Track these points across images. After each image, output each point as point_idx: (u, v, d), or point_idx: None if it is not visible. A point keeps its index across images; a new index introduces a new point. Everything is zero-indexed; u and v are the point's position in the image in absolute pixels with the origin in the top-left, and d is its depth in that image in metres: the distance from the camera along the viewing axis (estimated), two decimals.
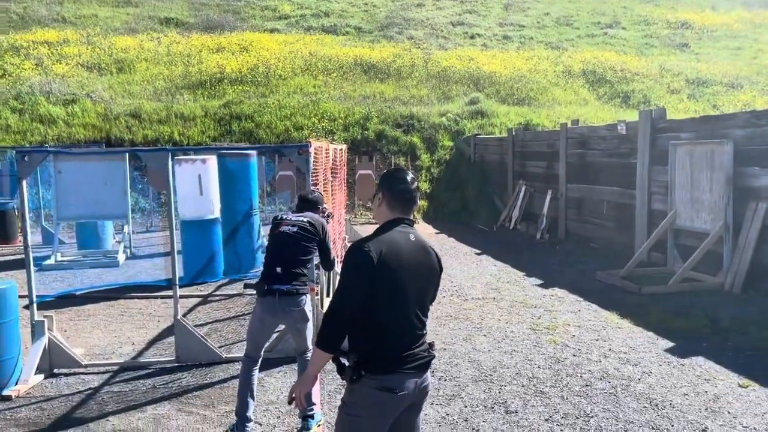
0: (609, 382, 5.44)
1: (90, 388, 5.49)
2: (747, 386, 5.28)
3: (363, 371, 2.73)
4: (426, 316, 2.89)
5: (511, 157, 15.95)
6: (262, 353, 4.74)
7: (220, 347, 6.29)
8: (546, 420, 4.75)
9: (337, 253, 7.64)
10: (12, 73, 21.18)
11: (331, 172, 8.90)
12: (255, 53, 24.14)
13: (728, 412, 4.81)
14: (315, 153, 6.50)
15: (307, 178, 6.17)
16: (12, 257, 11.88)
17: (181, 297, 6.90)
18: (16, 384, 5.46)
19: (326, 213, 5.19)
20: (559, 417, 4.80)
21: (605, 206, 11.84)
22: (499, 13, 33.84)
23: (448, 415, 4.86)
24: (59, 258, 11.27)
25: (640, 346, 6.38)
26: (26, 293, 5.79)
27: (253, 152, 10.42)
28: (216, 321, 7.66)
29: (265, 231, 8.96)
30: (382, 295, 2.72)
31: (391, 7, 33.33)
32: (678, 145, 9.50)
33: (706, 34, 31.88)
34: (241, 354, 5.03)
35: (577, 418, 4.78)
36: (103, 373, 5.86)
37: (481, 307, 8.06)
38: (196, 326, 6.58)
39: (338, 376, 2.88)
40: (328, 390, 5.36)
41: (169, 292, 6.28)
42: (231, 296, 8.82)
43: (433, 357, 2.91)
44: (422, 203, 17.15)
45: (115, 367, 5.98)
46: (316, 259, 5.05)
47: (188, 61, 23.31)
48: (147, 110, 18.74)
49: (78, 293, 8.91)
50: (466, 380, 5.56)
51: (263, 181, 15.16)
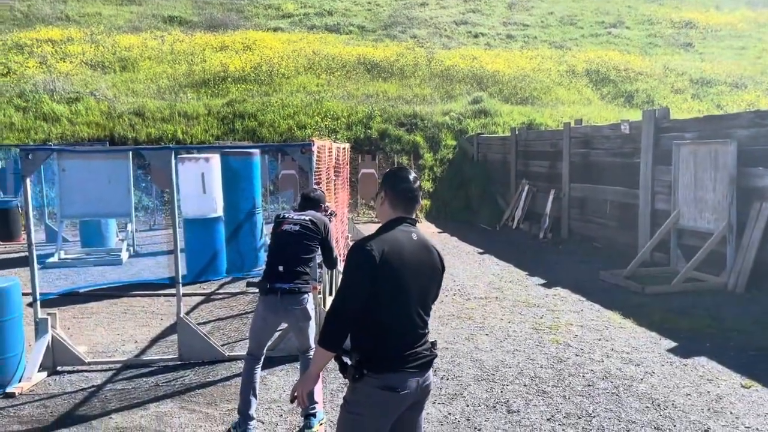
0: (611, 382, 5.44)
1: (93, 386, 5.51)
2: (750, 387, 5.27)
3: (365, 370, 2.73)
4: (428, 315, 2.89)
5: (514, 156, 15.93)
6: (265, 351, 4.75)
7: (222, 345, 6.31)
8: (548, 420, 4.75)
9: (340, 251, 7.65)
10: (16, 71, 21.24)
11: (334, 171, 8.90)
12: (258, 52, 24.16)
13: (731, 413, 4.81)
14: (318, 152, 6.50)
15: (310, 177, 6.18)
16: (16, 255, 11.92)
17: (184, 295, 6.92)
18: (20, 381, 5.48)
19: (329, 211, 5.19)
20: (561, 417, 4.80)
21: (608, 206, 11.82)
22: (502, 12, 33.79)
23: (450, 414, 4.86)
24: (63, 256, 11.30)
25: (643, 346, 6.37)
26: (30, 291, 5.81)
27: (256, 151, 10.43)
28: (219, 319, 7.67)
29: (267, 230, 8.98)
30: (385, 294, 2.72)
31: (395, 6, 33.31)
32: (681, 145, 9.48)
33: (711, 34, 31.80)
34: (243, 352, 5.04)
35: (579, 417, 4.78)
36: (106, 370, 5.87)
37: (484, 306, 8.06)
38: (198, 324, 6.59)
39: (340, 374, 2.88)
40: (331, 389, 5.37)
41: (172, 291, 6.29)
42: (234, 295, 8.84)
43: (436, 356, 2.91)
44: (425, 202, 17.15)
45: (118, 365, 5.99)
46: (319, 258, 5.05)
47: (192, 60, 23.34)
48: (150, 109, 18.78)
49: (81, 291, 8.93)
50: (468, 379, 5.56)
51: (266, 179, 15.19)
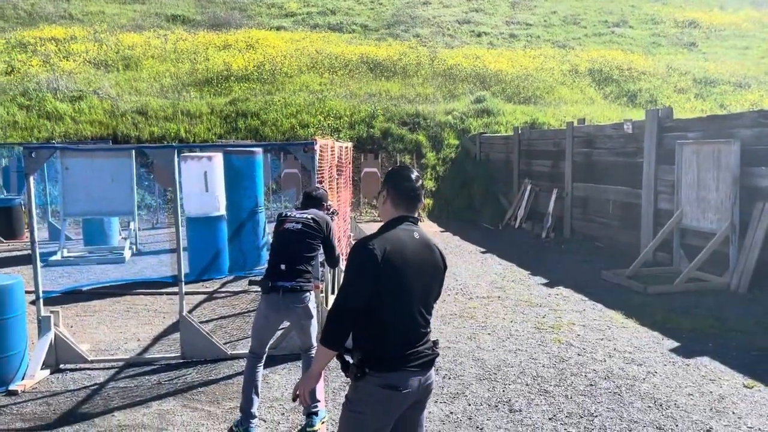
0: (613, 382, 5.43)
1: (95, 384, 5.52)
2: (752, 387, 5.26)
3: (367, 369, 2.73)
4: (430, 314, 2.89)
5: (517, 155, 15.92)
6: (267, 350, 4.75)
7: (225, 344, 6.31)
8: (550, 419, 4.75)
9: (342, 250, 7.65)
10: (20, 70, 21.28)
11: (337, 170, 8.90)
12: (261, 51, 24.16)
13: (733, 413, 4.80)
14: (320, 151, 6.51)
15: (313, 176, 6.18)
16: (19, 253, 11.95)
17: (187, 294, 6.92)
18: (23, 379, 5.50)
19: (331, 210, 5.20)
20: (563, 416, 4.79)
21: (611, 205, 11.81)
22: (505, 11, 33.75)
23: (452, 413, 4.87)
24: (66, 254, 11.32)
25: (645, 346, 6.36)
26: (33, 289, 5.82)
27: (259, 150, 10.44)
28: (221, 318, 7.68)
29: (270, 228, 8.99)
30: (387, 293, 2.72)
31: (398, 5, 33.28)
32: (685, 145, 9.47)
33: (714, 34, 31.72)
34: (245, 351, 5.04)
35: (582, 417, 4.77)
36: (108, 368, 5.89)
37: (486, 305, 8.06)
38: (201, 323, 6.59)
39: (342, 373, 2.89)
40: (333, 387, 5.37)
41: (175, 289, 6.31)
42: (236, 293, 8.85)
43: (437, 355, 2.91)
44: (427, 201, 17.16)
45: (121, 363, 6.01)
46: (321, 257, 5.06)
47: (195, 59, 23.36)
48: (153, 107, 18.80)
49: (84, 289, 8.95)
50: (471, 379, 5.57)
51: (269, 178, 15.19)
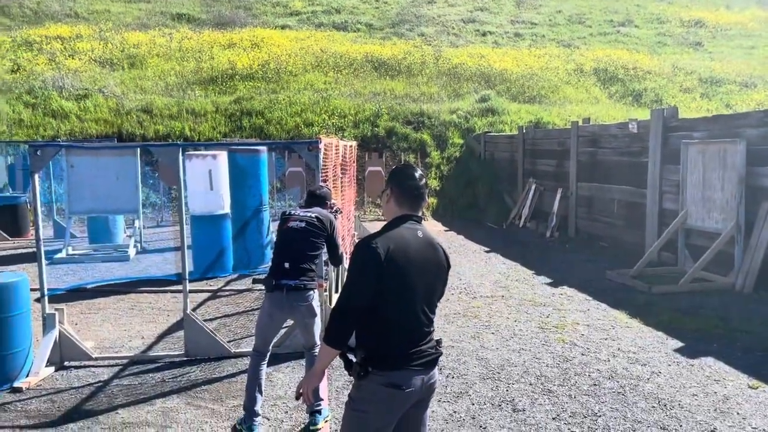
0: (617, 382, 5.42)
1: (100, 381, 5.54)
2: (757, 387, 5.25)
3: (370, 367, 2.73)
4: (433, 313, 2.89)
5: (522, 155, 15.89)
6: (271, 348, 4.76)
7: (228, 342, 6.32)
8: (553, 419, 4.74)
9: (346, 249, 7.65)
10: (25, 68, 21.35)
11: (341, 169, 8.90)
12: (266, 49, 24.18)
13: (737, 413, 4.78)
14: (325, 149, 6.51)
15: (317, 175, 6.19)
16: (24, 250, 11.99)
17: (191, 292, 6.93)
18: (27, 376, 5.51)
19: (334, 209, 5.20)
20: (567, 416, 4.79)
21: (616, 205, 11.78)
22: (510, 10, 33.68)
23: (455, 412, 4.86)
24: (70, 252, 11.35)
25: (650, 346, 6.35)
26: (38, 286, 5.84)
27: (264, 148, 10.45)
28: (225, 316, 7.70)
29: (274, 227, 8.99)
30: (390, 292, 2.72)
31: (403, 4, 33.25)
32: (690, 144, 9.43)
33: (720, 33, 31.60)
34: (249, 349, 5.05)
35: (585, 417, 4.76)
36: (112, 366, 5.90)
37: (490, 305, 8.05)
38: (205, 321, 6.61)
39: (346, 372, 2.89)
40: (336, 386, 5.38)
41: (179, 287, 6.32)
42: (240, 291, 8.86)
43: (441, 354, 2.91)
44: (431, 200, 17.14)
45: (125, 361, 6.02)
46: (325, 255, 5.06)
47: (200, 57, 23.38)
48: (158, 106, 18.84)
49: (89, 287, 8.96)
50: (474, 378, 5.56)
51: (273, 177, 15.19)
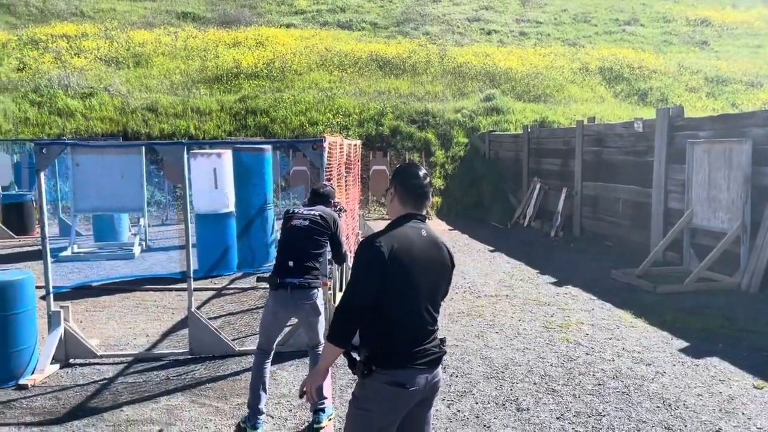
0: (622, 381, 5.41)
1: (105, 379, 5.55)
2: (762, 387, 5.23)
3: (374, 366, 2.74)
4: (437, 312, 2.88)
5: (526, 154, 15.86)
6: (275, 346, 4.76)
7: (233, 340, 6.33)
8: (557, 418, 4.74)
9: (350, 248, 7.65)
10: (31, 67, 21.42)
11: (345, 168, 8.91)
12: (271, 48, 24.19)
13: (742, 413, 4.77)
14: (329, 148, 6.51)
15: (321, 173, 6.19)
16: (30, 248, 12.03)
17: (195, 290, 6.95)
18: (33, 373, 5.54)
19: (338, 207, 5.20)
20: (571, 415, 4.78)
21: (621, 204, 11.75)
22: (516, 9, 33.61)
23: (459, 411, 4.86)
24: (76, 250, 11.39)
25: (654, 346, 6.33)
26: (43, 284, 5.86)
27: (268, 147, 10.46)
28: (229, 314, 7.71)
29: (278, 225, 8.99)
30: (394, 290, 2.72)
31: (407, 2, 33.21)
32: (695, 144, 9.40)
33: (726, 32, 31.47)
34: (253, 347, 5.06)
35: (589, 416, 4.76)
36: (117, 363, 5.92)
37: (494, 304, 8.04)
38: (209, 319, 6.62)
39: (349, 370, 2.89)
40: (340, 384, 5.38)
41: (184, 285, 6.33)
42: (244, 290, 8.87)
43: (445, 353, 2.91)
44: (436, 199, 17.13)
45: (130, 358, 6.04)
46: (329, 254, 5.06)
47: (205, 56, 23.42)
48: (163, 104, 18.88)
49: (94, 285, 9.00)
50: (478, 377, 5.56)
51: (278, 175, 15.21)
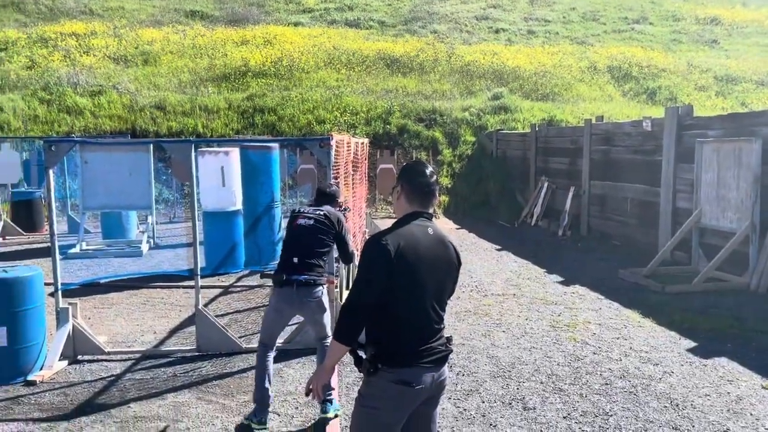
0: (629, 381, 5.39)
1: (112, 375, 5.58)
2: None
3: (380, 364, 2.73)
4: (444, 310, 2.88)
5: (534, 152, 15.81)
6: (277, 343, 4.77)
7: (240, 337, 6.35)
8: (564, 417, 4.72)
9: (357, 246, 7.66)
10: (40, 65, 21.53)
11: (353, 166, 8.90)
12: (279, 46, 24.22)
13: (751, 414, 4.74)
14: (336, 146, 6.51)
15: (328, 172, 6.19)
16: (39, 245, 12.10)
17: (203, 287, 6.97)
18: (41, 369, 5.57)
19: (342, 207, 5.21)
20: (578, 415, 4.76)
21: (629, 203, 11.69)
22: (524, 7, 33.50)
23: (465, 410, 4.86)
24: (84, 247, 11.44)
25: (662, 346, 6.30)
26: (52, 281, 5.89)
27: (276, 145, 10.47)
28: (236, 311, 7.74)
29: (285, 223, 9.00)
30: (400, 289, 2.71)
31: (415, 1, 33.17)
32: (705, 143, 9.34)
33: (736, 31, 31.25)
34: None
35: (596, 416, 4.74)
36: (125, 360, 5.95)
37: (501, 303, 8.02)
38: (216, 316, 6.64)
39: (356, 368, 2.89)
40: (346, 382, 5.38)
41: (191, 283, 6.34)
42: (251, 287, 8.89)
43: (451, 351, 2.90)
44: (443, 198, 17.10)
45: (137, 355, 6.07)
46: (335, 253, 5.07)
47: (213, 54, 23.48)
48: (172, 102, 18.93)
49: (102, 282, 9.04)
50: (484, 376, 5.55)
51: (285, 173, 15.22)
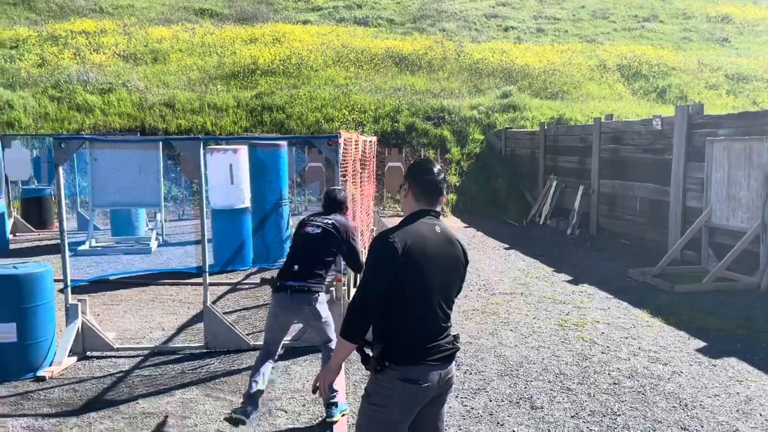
0: (638, 381, 5.36)
1: (121, 371, 5.61)
2: None
3: (387, 362, 2.73)
4: (451, 309, 2.87)
5: (543, 151, 15.76)
6: (280, 348, 4.70)
7: (247, 334, 6.37)
8: (572, 417, 4.71)
9: (365, 244, 7.66)
10: (51, 62, 21.65)
11: (361, 164, 8.91)
12: (287, 45, 24.25)
13: (760, 414, 4.71)
14: (345, 144, 6.51)
15: (336, 170, 6.19)
16: (49, 242, 12.18)
17: (211, 284, 6.99)
18: (50, 365, 5.61)
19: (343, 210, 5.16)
20: (586, 414, 4.75)
21: (638, 202, 11.63)
22: (533, 5, 33.38)
23: (473, 408, 4.85)
24: (94, 244, 11.50)
25: (671, 345, 6.27)
26: (61, 277, 5.93)
27: (284, 143, 10.49)
28: (244, 309, 7.76)
29: (293, 221, 9.04)
30: (407, 287, 2.71)
31: None
32: (715, 142, 9.28)
33: (748, 29, 31.02)
34: None
35: (604, 415, 4.72)
36: (133, 356, 5.98)
37: (509, 301, 8.00)
38: (224, 313, 6.66)
39: (362, 366, 2.89)
40: (353, 380, 5.39)
41: (199, 280, 6.37)
42: (259, 285, 8.91)
43: (458, 349, 2.90)
44: (451, 197, 17.08)
45: (146, 352, 6.10)
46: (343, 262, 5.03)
47: (222, 52, 23.53)
48: (181, 100, 19.00)
49: (111, 278, 9.08)
50: (492, 374, 5.54)
51: (293, 171, 15.25)
